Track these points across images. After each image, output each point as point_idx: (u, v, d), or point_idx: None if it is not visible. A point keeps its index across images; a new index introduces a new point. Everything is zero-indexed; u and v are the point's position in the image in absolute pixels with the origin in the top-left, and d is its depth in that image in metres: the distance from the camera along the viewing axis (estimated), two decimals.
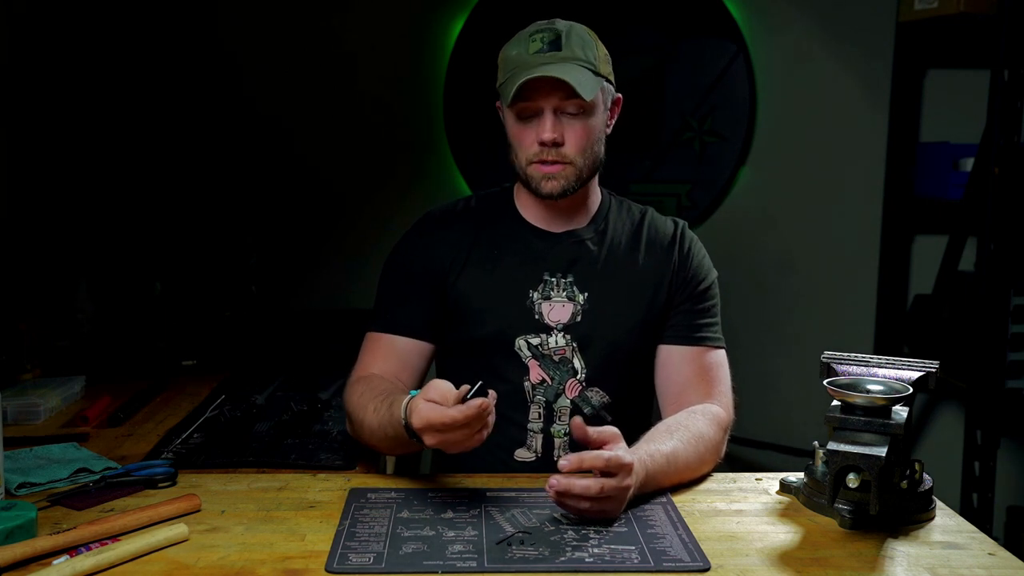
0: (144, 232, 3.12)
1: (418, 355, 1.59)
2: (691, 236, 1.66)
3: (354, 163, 3.35)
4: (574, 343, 1.57)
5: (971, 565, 1.14)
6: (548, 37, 1.50)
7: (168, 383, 2.15)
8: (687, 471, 1.42)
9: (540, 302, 1.57)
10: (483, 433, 1.25)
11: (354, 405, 1.49)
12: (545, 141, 1.49)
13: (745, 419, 3.33)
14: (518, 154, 1.55)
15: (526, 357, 1.56)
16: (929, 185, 3.06)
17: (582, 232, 1.62)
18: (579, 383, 1.57)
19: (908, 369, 1.35)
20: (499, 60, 1.56)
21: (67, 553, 1.11)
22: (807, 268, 3.31)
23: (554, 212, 1.61)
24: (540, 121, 1.50)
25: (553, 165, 1.51)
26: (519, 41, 1.53)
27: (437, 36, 3.29)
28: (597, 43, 1.56)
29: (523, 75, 1.46)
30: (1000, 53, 2.59)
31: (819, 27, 3.22)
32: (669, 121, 3.31)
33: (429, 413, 1.24)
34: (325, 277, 3.39)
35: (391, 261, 1.65)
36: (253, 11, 3.28)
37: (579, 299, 1.57)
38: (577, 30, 1.54)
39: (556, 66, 1.47)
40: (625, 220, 1.66)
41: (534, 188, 1.54)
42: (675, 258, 1.62)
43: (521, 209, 1.64)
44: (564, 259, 1.59)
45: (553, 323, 1.57)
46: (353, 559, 1.13)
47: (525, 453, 1.57)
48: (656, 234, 1.64)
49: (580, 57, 1.50)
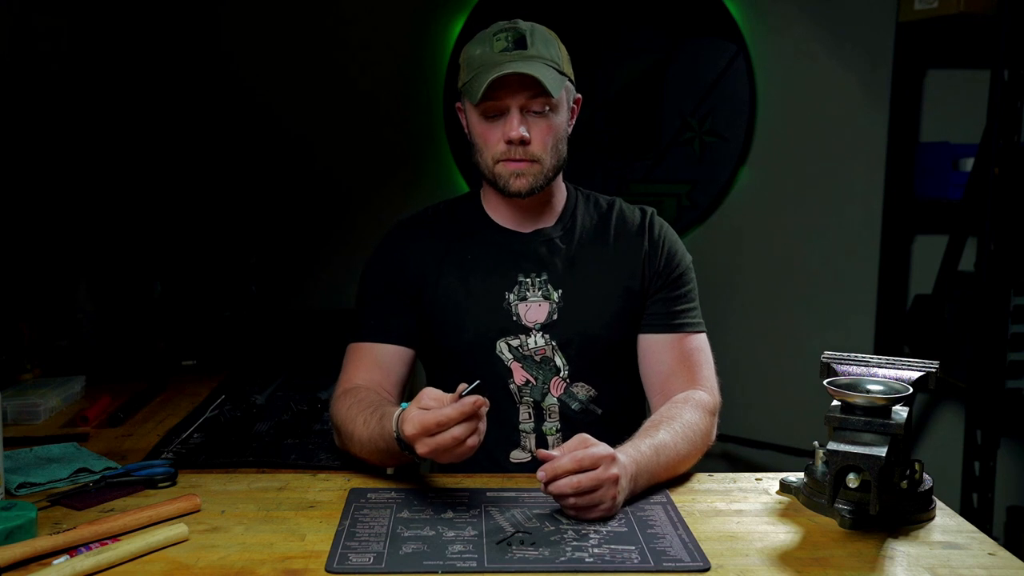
0: (144, 232, 3.12)
1: (400, 362, 1.60)
2: (661, 223, 1.67)
3: (354, 163, 3.35)
4: (553, 342, 1.57)
5: (971, 565, 1.14)
6: (513, 36, 1.51)
7: (168, 383, 2.15)
8: (680, 461, 1.42)
9: (516, 303, 1.57)
10: (473, 440, 1.24)
11: (342, 418, 1.48)
12: (513, 139, 1.50)
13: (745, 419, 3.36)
14: (483, 153, 1.55)
15: (508, 360, 1.57)
16: (929, 185, 3.06)
17: (551, 231, 1.63)
18: (563, 380, 1.57)
19: (908, 369, 1.35)
20: (461, 60, 1.58)
21: (67, 553, 1.11)
22: (807, 268, 3.32)
23: (522, 212, 1.62)
24: (507, 119, 1.51)
25: (520, 162, 1.52)
26: (482, 40, 1.54)
27: (437, 36, 3.29)
28: (559, 43, 1.57)
29: (492, 73, 1.47)
30: (1000, 53, 2.59)
31: (819, 27, 3.22)
32: (669, 121, 3.31)
33: (423, 416, 1.23)
34: (325, 277, 3.39)
35: (367, 273, 1.65)
36: (253, 11, 3.28)
37: (554, 297, 1.58)
38: (540, 30, 1.55)
39: (524, 63, 1.48)
40: (593, 213, 1.67)
41: (502, 186, 1.55)
42: (646, 246, 1.62)
43: (489, 212, 1.65)
44: (536, 258, 1.60)
45: (531, 323, 1.57)
46: (353, 559, 1.13)
47: (520, 454, 1.58)
48: (625, 224, 1.65)
49: (545, 56, 1.51)
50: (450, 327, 1.58)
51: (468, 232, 1.64)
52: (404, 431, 1.26)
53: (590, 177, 3.26)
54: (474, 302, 1.58)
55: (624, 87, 3.28)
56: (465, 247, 1.62)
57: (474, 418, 1.23)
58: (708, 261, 3.33)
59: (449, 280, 1.59)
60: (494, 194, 1.61)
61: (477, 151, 1.57)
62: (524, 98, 1.49)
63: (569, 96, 1.58)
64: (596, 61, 3.25)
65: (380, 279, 1.63)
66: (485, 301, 1.58)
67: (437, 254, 1.61)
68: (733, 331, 3.27)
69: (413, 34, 3.31)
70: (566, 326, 1.57)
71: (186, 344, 2.54)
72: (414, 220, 1.68)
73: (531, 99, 1.49)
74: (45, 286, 2.65)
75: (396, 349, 1.59)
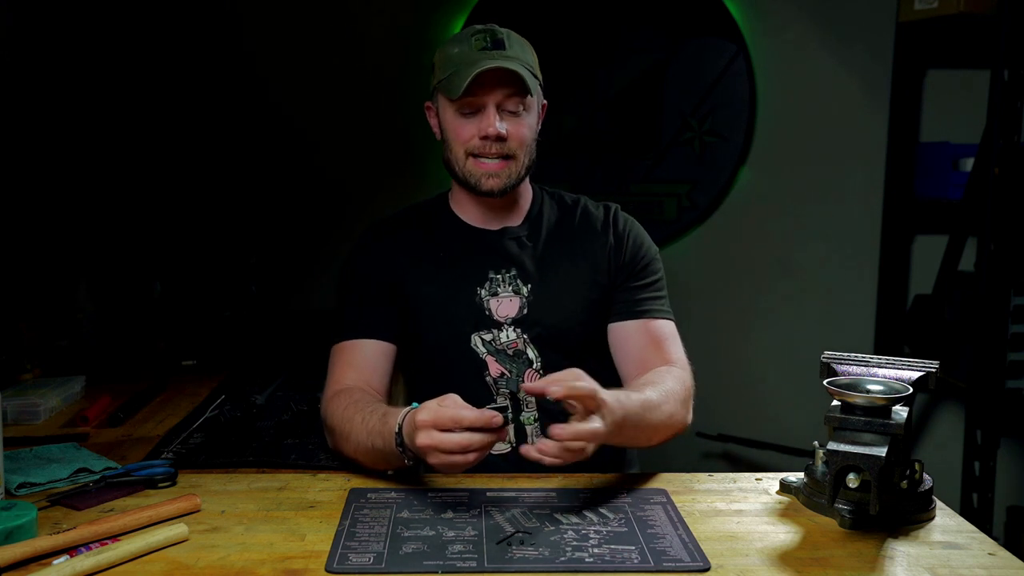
0: (144, 232, 3.12)
1: (385, 358, 1.62)
2: (625, 217, 1.71)
3: (354, 163, 3.35)
4: (525, 335, 1.60)
5: (971, 565, 1.14)
6: (491, 37, 1.56)
7: (168, 383, 2.15)
8: (661, 421, 1.43)
9: (488, 299, 1.61)
10: (473, 456, 1.24)
11: (339, 418, 1.49)
12: (490, 135, 1.54)
13: (745, 419, 3.36)
14: (455, 149, 1.59)
15: (482, 353, 1.60)
16: (929, 185, 3.06)
17: (518, 229, 1.67)
18: (536, 372, 1.60)
19: (908, 369, 1.35)
20: (436, 59, 1.61)
21: (67, 553, 1.11)
22: (807, 268, 3.32)
23: (490, 211, 1.66)
24: (483, 116, 1.54)
25: (495, 161, 1.56)
26: (460, 40, 1.58)
27: (437, 36, 3.29)
28: (532, 50, 1.62)
29: (474, 68, 1.50)
30: (1000, 53, 2.59)
31: (819, 27, 3.22)
32: (669, 121, 3.31)
33: (440, 409, 1.25)
34: (325, 277, 3.36)
35: (346, 274, 1.68)
36: (252, 11, 3.28)
37: (524, 292, 1.61)
38: (515, 35, 1.60)
39: (504, 61, 1.52)
40: (558, 211, 1.71)
41: (473, 184, 1.58)
42: (610, 239, 1.66)
43: (458, 211, 1.69)
44: (505, 255, 1.64)
45: (502, 318, 1.60)
46: (353, 559, 1.13)
47: (500, 444, 1.59)
48: (589, 220, 1.69)
49: (522, 58, 1.56)
50: (426, 323, 1.62)
51: (439, 232, 1.68)
52: (416, 418, 1.26)
53: (590, 177, 3.26)
54: (447, 298, 1.61)
55: (624, 87, 3.27)
56: (436, 246, 1.66)
57: (489, 433, 1.23)
58: (708, 261, 3.35)
59: (424, 277, 1.63)
60: (463, 193, 1.65)
61: (448, 147, 1.60)
62: (501, 96, 1.53)
63: (539, 100, 1.62)
64: (596, 61, 3.25)
65: (358, 278, 1.66)
66: (458, 297, 1.61)
67: (410, 253, 1.65)
68: (733, 331, 3.27)
69: (414, 34, 3.31)
70: (536, 320, 1.60)
71: (186, 344, 2.54)
72: (387, 221, 1.72)
73: (508, 97, 1.54)
74: (45, 286, 2.65)
75: (380, 345, 1.61)
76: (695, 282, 3.23)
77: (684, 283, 2.92)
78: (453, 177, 1.64)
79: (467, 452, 1.24)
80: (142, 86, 3.16)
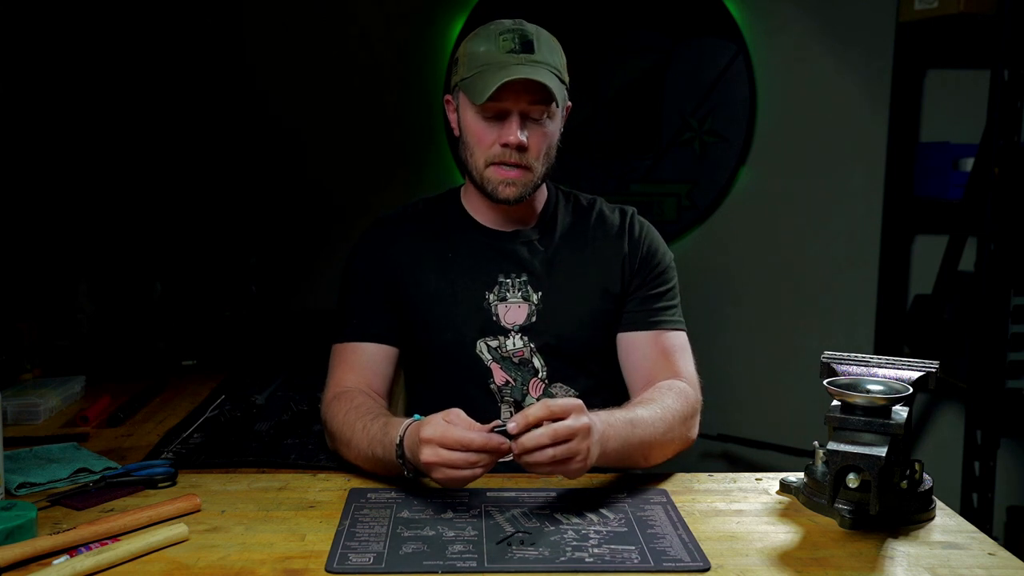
0: (144, 232, 3.12)
1: (386, 360, 1.58)
2: (642, 221, 1.66)
3: (354, 163, 3.35)
4: (531, 344, 1.56)
5: (971, 565, 1.14)
6: (520, 38, 1.48)
7: (168, 383, 2.15)
8: (655, 439, 1.40)
9: (496, 304, 1.57)
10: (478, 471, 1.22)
11: (339, 423, 1.46)
12: (511, 144, 1.48)
13: (745, 419, 3.36)
14: (474, 153, 1.53)
15: (488, 360, 1.56)
16: (929, 185, 3.06)
17: (530, 232, 1.62)
18: (541, 382, 1.57)
19: (908, 369, 1.35)
20: (461, 54, 1.54)
21: (67, 553, 1.11)
22: (807, 268, 3.32)
23: (503, 212, 1.60)
24: (506, 123, 1.48)
25: (514, 170, 1.50)
26: (487, 38, 1.50)
27: (437, 36, 3.29)
28: (561, 50, 1.55)
29: (500, 74, 1.44)
30: (1000, 53, 2.59)
31: (819, 27, 3.22)
32: (669, 121, 3.31)
33: (448, 428, 1.21)
34: (325, 277, 3.38)
35: (348, 271, 1.64)
36: (252, 12, 3.28)
37: (533, 299, 1.57)
38: (545, 35, 1.53)
39: (532, 69, 1.45)
40: (573, 214, 1.66)
41: (490, 191, 1.53)
42: (626, 245, 1.62)
43: (470, 210, 1.64)
44: (516, 259, 1.59)
45: (509, 325, 1.56)
46: (353, 559, 1.13)
47: None
48: (604, 225, 1.64)
49: (550, 63, 1.49)
50: (431, 326, 1.57)
51: (449, 230, 1.62)
52: (421, 433, 1.23)
53: (590, 177, 3.26)
54: (455, 301, 1.57)
55: (624, 87, 3.28)
56: (446, 245, 1.61)
57: (494, 455, 1.21)
58: (708, 261, 3.35)
59: (430, 279, 1.58)
60: (477, 194, 1.60)
61: (467, 149, 1.55)
62: (526, 103, 1.47)
63: (563, 103, 1.56)
64: (596, 61, 3.25)
65: (361, 278, 1.61)
66: (466, 301, 1.57)
67: (417, 252, 1.60)
68: (733, 331, 3.26)
69: (413, 34, 3.31)
70: (544, 329, 1.56)
71: (186, 344, 2.54)
72: (394, 218, 1.66)
73: (532, 105, 1.48)
74: (45, 286, 2.65)
75: (381, 348, 1.58)
76: (695, 282, 3.22)
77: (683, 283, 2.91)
78: (468, 178, 1.59)
79: (473, 467, 1.21)
80: (142, 86, 3.16)
